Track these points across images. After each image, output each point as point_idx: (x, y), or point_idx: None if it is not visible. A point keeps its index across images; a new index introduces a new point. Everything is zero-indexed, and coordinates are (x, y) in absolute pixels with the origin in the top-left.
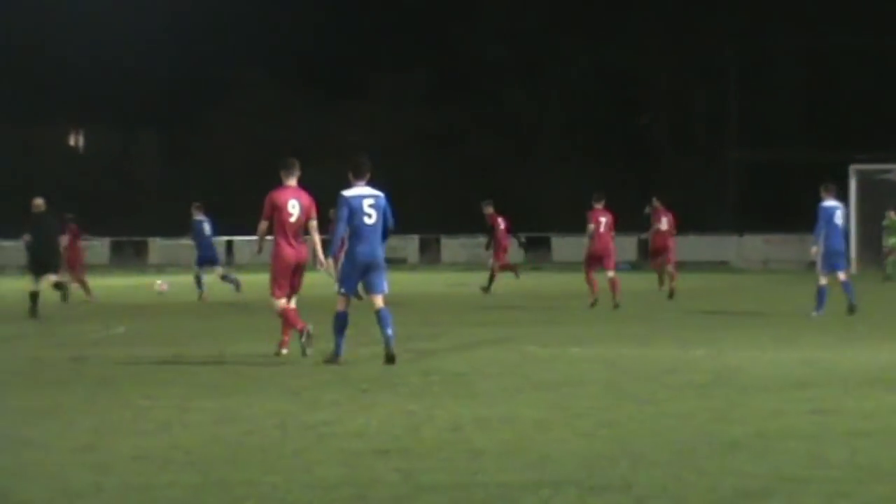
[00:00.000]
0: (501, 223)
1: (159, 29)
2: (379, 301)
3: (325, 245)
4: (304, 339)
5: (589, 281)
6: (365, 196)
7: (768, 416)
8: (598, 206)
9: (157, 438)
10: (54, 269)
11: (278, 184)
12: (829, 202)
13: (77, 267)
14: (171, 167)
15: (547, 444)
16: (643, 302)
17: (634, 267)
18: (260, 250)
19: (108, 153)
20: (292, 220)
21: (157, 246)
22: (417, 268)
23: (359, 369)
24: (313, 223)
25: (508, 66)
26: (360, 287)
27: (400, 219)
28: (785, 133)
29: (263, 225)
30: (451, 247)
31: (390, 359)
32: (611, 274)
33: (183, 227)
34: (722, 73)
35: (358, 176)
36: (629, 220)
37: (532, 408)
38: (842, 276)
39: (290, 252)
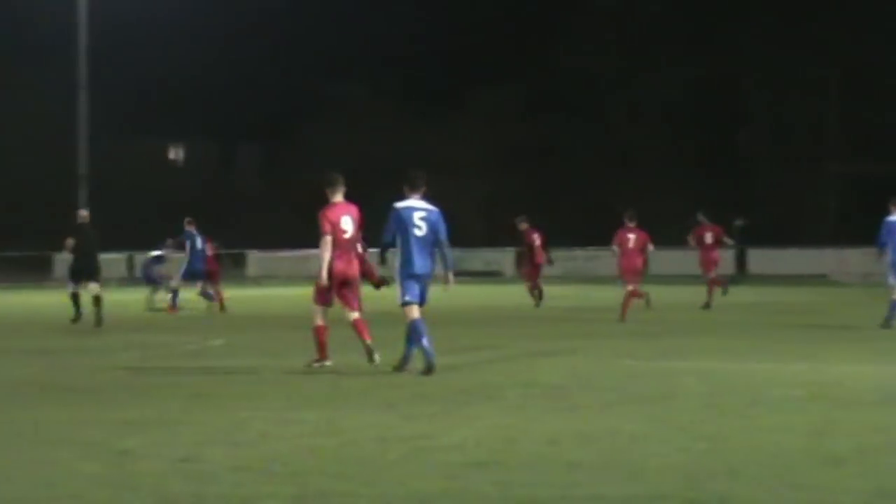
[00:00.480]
0: (537, 239)
1: (259, 44)
2: (417, 312)
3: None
4: (319, 363)
5: (636, 294)
6: (416, 209)
7: (869, 431)
8: (631, 224)
9: (256, 449)
10: (95, 277)
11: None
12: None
13: (217, 279)
14: (270, 180)
15: (644, 457)
16: (740, 315)
17: (733, 281)
18: (328, 272)
19: (208, 167)
20: (346, 236)
21: (256, 258)
22: (513, 280)
23: (456, 381)
24: (358, 235)
25: (606, 78)
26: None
27: (496, 231)
28: (886, 145)
29: (328, 239)
30: None
31: (428, 366)
32: (630, 288)
33: (282, 239)
34: (822, 85)
35: (413, 189)
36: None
37: (629, 421)
38: None
39: (340, 266)
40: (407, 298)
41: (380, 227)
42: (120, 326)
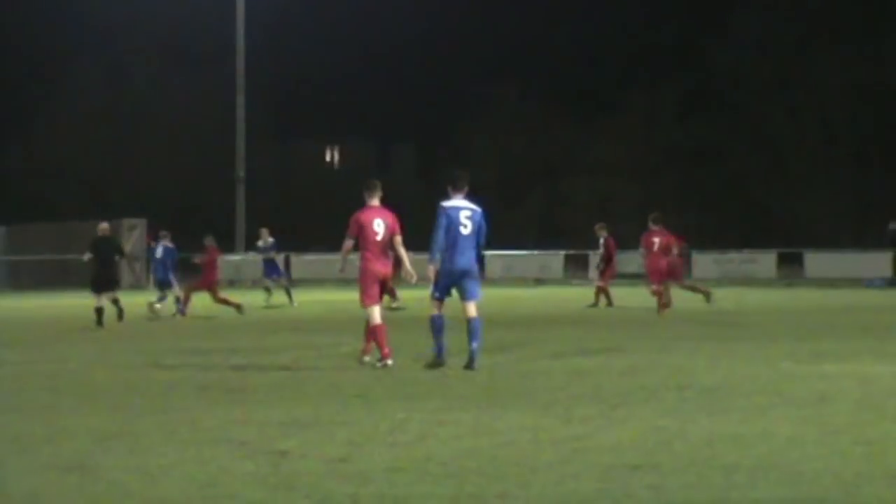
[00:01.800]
0: (612, 246)
1: (414, 45)
2: (472, 309)
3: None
4: (373, 360)
5: (658, 294)
6: (462, 208)
7: None
8: (655, 227)
9: (413, 450)
10: (111, 287)
11: (362, 204)
12: None
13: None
14: (425, 181)
15: (801, 461)
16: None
17: (890, 283)
18: (343, 269)
19: (364, 168)
20: (378, 238)
21: (412, 261)
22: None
23: (611, 383)
24: (398, 238)
25: (763, 80)
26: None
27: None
28: None
29: (349, 243)
30: (703, 262)
31: (469, 366)
32: (654, 287)
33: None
34: None
35: (457, 188)
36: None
37: (786, 424)
38: None
39: (377, 267)
40: (437, 294)
41: (531, 226)
42: (275, 328)
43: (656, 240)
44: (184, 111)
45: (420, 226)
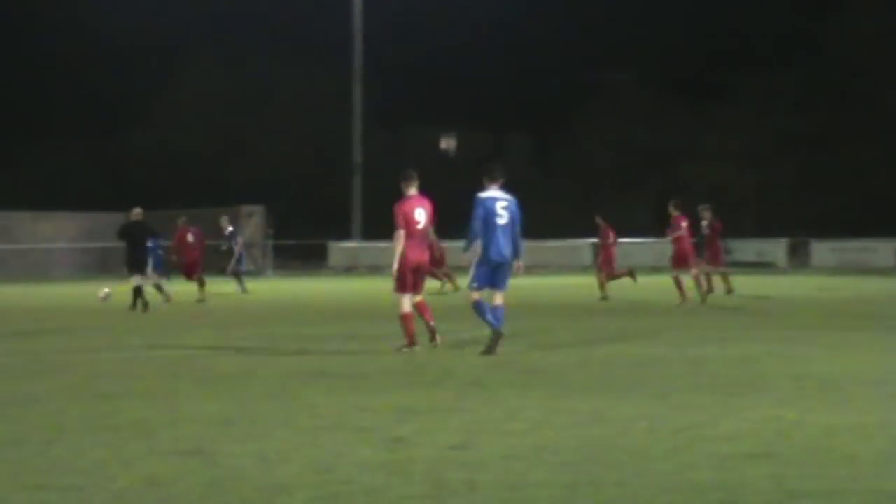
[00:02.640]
0: (717, 228)
1: (530, 32)
2: (498, 298)
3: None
4: (409, 348)
5: (696, 281)
6: (498, 198)
7: None
8: (676, 212)
9: (528, 438)
10: (141, 270)
11: (400, 195)
12: None
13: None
14: (540, 169)
15: None
16: None
17: None
18: (399, 260)
19: (479, 156)
20: (419, 226)
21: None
22: (786, 272)
23: (727, 372)
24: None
25: (883, 65)
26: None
27: (767, 221)
28: None
29: (402, 233)
30: (821, 251)
31: (490, 348)
32: (693, 272)
33: (551, 229)
34: None
35: (492, 180)
36: None
37: None
38: None
39: (414, 255)
40: (475, 284)
41: (645, 214)
42: (392, 314)
43: (684, 224)
44: (300, 98)
45: (535, 213)
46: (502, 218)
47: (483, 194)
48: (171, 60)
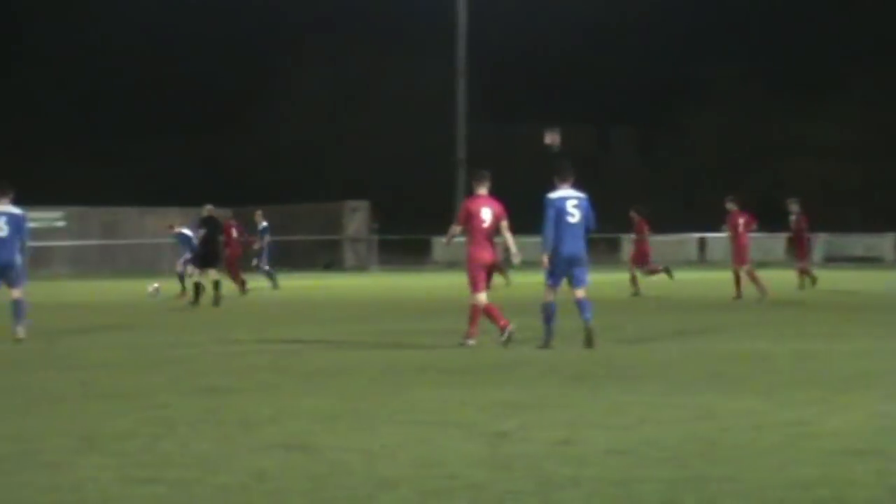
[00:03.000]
0: (804, 222)
1: (635, 27)
2: (580, 293)
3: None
4: (504, 338)
5: (754, 279)
6: (569, 197)
7: None
8: (734, 207)
9: (633, 433)
10: (216, 264)
11: (469, 193)
12: None
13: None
14: (645, 164)
15: None
16: None
17: None
18: (448, 243)
19: (584, 151)
20: (485, 225)
21: (627, 241)
22: (894, 266)
23: (833, 368)
24: (505, 223)
25: None
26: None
27: (870, 214)
28: None
29: (457, 229)
30: None
31: (589, 342)
32: (746, 268)
33: (659, 224)
34: None
35: (563, 179)
36: None
37: None
38: None
39: (483, 254)
40: (550, 282)
41: (751, 209)
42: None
43: (741, 220)
44: (404, 93)
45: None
46: (574, 217)
47: (553, 195)
48: (276, 59)
